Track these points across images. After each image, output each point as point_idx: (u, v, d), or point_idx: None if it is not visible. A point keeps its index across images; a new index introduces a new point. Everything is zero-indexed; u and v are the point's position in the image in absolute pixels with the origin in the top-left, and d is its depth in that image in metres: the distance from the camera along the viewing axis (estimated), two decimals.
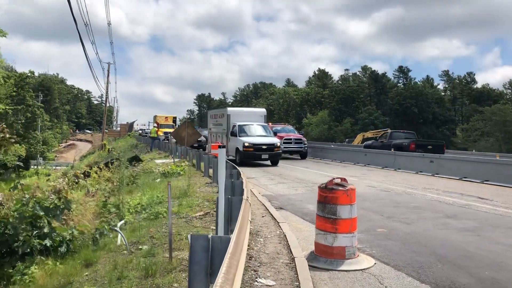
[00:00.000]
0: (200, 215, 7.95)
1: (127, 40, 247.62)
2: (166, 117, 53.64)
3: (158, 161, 21.53)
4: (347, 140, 65.30)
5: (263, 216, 8.34)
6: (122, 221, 8.39)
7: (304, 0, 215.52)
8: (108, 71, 56.77)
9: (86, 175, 18.75)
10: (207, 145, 28.01)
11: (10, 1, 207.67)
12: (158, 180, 13.70)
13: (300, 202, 10.65)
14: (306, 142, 27.06)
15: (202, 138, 34.13)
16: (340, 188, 5.71)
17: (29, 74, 68.40)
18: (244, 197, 5.41)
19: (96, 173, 16.05)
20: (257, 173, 18.02)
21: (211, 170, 14.04)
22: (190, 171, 15.82)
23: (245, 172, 17.97)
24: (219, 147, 7.03)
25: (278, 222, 7.76)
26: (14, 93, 56.96)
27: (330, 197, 5.71)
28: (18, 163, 56.98)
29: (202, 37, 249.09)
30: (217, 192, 8.59)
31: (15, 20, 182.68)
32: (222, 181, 5.78)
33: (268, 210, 9.08)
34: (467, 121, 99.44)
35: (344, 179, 5.98)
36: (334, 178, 5.90)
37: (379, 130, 63.35)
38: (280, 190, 12.93)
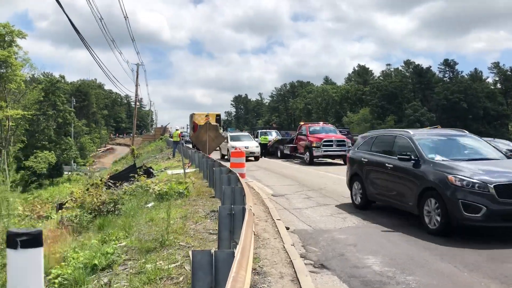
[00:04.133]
0: None
1: (168, 45, 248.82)
2: (206, 115, 38.90)
3: (170, 172, 17.83)
4: None
5: None
6: None
7: None
8: (137, 72, 53.94)
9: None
10: None
11: (56, 11, 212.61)
12: (151, 204, 9.96)
13: (353, 250, 6.55)
14: (350, 144, 22.75)
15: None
16: None
17: (59, 79, 67.22)
18: None
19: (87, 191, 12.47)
20: (291, 186, 13.98)
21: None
22: (199, 188, 11.96)
23: (276, 186, 13.83)
24: None
25: None
26: (42, 98, 55.31)
27: None
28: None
29: (241, 39, 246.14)
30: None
31: (61, 29, 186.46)
32: None
33: (297, 277, 5.06)
34: None
35: None
36: None
37: (429, 127, 57.79)
38: (320, 219, 8.85)
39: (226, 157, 23.96)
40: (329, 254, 6.39)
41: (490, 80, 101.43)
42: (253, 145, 25.31)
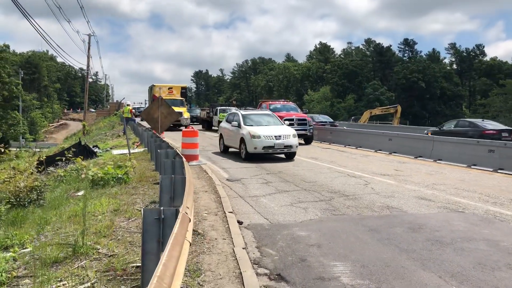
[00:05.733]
0: None
1: (127, 17, 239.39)
2: (170, 88, 34.13)
3: (116, 152, 16.25)
4: (353, 118, 59.75)
5: None
6: None
7: None
8: (89, 43, 50.74)
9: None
10: None
11: None
12: (81, 193, 8.51)
13: (317, 253, 5.44)
14: (312, 123, 21.78)
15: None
16: None
17: (4, 48, 62.39)
18: None
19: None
20: (248, 169, 12.77)
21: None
22: (142, 172, 10.55)
23: (232, 169, 12.25)
24: None
25: None
26: None
27: None
28: None
29: (202, 14, 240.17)
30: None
31: None
32: None
33: None
34: (474, 96, 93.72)
35: None
36: None
37: (388, 106, 57.69)
38: (279, 210, 7.71)
39: (232, 150, 16.46)
40: (288, 259, 5.25)
41: (446, 60, 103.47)
42: (288, 133, 14.87)
